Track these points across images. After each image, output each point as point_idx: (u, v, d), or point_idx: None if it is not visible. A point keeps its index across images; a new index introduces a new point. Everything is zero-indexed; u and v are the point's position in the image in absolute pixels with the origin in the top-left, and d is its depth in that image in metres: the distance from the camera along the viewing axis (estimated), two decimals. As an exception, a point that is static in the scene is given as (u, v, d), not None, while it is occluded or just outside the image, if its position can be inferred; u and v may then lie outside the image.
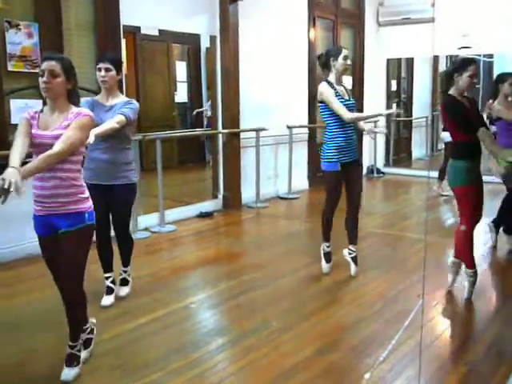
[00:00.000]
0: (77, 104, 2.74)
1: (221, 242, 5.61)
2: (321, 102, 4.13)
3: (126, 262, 3.96)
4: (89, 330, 2.99)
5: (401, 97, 10.90)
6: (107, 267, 3.86)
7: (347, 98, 4.16)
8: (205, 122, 9.94)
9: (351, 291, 4.03)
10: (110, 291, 3.83)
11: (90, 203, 2.75)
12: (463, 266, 3.88)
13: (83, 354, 2.89)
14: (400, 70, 10.84)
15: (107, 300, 3.76)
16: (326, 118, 4.15)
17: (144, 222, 5.76)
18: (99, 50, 5.22)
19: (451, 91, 3.69)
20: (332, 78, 4.14)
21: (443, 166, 7.22)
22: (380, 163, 10.06)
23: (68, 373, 2.75)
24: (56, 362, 2.84)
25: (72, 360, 2.79)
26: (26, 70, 4.69)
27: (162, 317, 3.56)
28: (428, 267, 4.36)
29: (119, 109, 3.50)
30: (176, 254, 5.14)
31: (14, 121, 4.52)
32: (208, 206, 6.67)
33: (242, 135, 6.90)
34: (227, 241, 5.73)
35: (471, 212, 3.69)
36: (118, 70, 3.62)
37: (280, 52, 7.42)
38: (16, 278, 4.29)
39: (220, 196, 6.89)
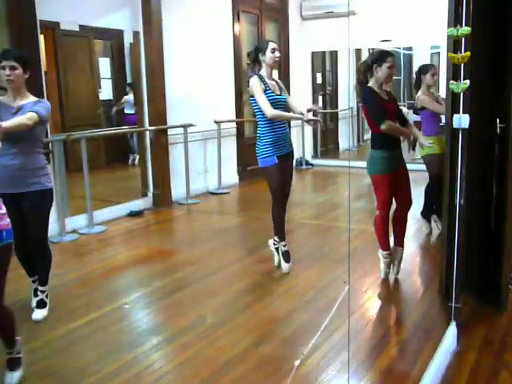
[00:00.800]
0: None
1: (152, 241, 5.55)
2: (251, 97, 4.15)
3: (43, 281, 3.62)
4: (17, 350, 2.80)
5: (326, 89, 11.11)
6: (33, 271, 3.68)
7: (278, 93, 4.17)
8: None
9: (283, 283, 4.10)
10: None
11: (7, 220, 2.52)
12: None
13: (16, 377, 2.74)
14: (325, 63, 11.05)
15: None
16: (257, 113, 4.17)
17: (72, 224, 5.60)
18: (15, 46, 4.99)
19: (370, 83, 3.82)
20: (263, 72, 4.16)
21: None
22: (308, 155, 10.24)
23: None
24: None
25: (15, 363, 2.74)
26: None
27: (94, 320, 3.49)
28: (359, 256, 4.54)
29: (30, 108, 3.26)
30: (107, 255, 5.04)
31: None
32: (138, 204, 6.57)
33: (170, 131, 6.84)
34: (158, 239, 5.69)
35: (385, 198, 3.89)
36: (25, 67, 3.33)
37: (205, 46, 7.40)
38: None
39: (150, 194, 6.81)
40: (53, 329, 3.36)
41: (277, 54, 4.15)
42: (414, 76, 5.27)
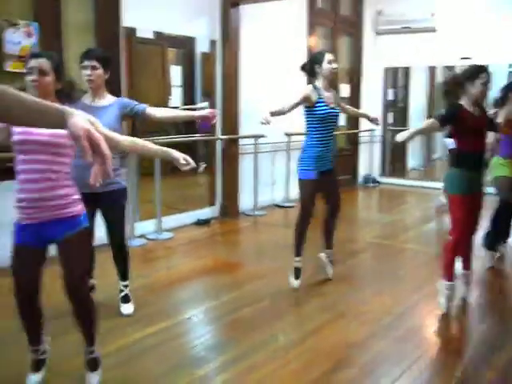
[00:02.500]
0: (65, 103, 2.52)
1: (218, 251, 5.48)
2: (305, 107, 4.04)
3: (125, 276, 3.74)
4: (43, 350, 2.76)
5: (397, 106, 10.84)
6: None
7: (333, 106, 4.05)
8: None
9: (355, 306, 3.91)
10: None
11: (82, 205, 2.59)
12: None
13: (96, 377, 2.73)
14: (397, 80, 10.79)
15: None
16: (307, 124, 4.08)
17: (140, 228, 5.61)
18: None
19: (462, 100, 3.61)
20: (320, 84, 4.04)
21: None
22: (376, 173, 9.99)
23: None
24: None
25: (94, 365, 2.72)
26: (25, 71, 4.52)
27: (163, 330, 3.42)
28: (433, 282, 4.29)
29: (133, 107, 3.40)
30: (173, 263, 5.01)
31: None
32: (205, 213, 6.54)
33: (241, 141, 6.79)
34: (225, 250, 5.61)
35: (459, 222, 3.61)
36: (106, 67, 3.37)
37: (279, 58, 7.32)
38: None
39: (217, 203, 6.76)
40: (123, 336, 3.31)
41: (334, 65, 4.03)
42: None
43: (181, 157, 2.57)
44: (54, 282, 2.71)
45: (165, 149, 2.63)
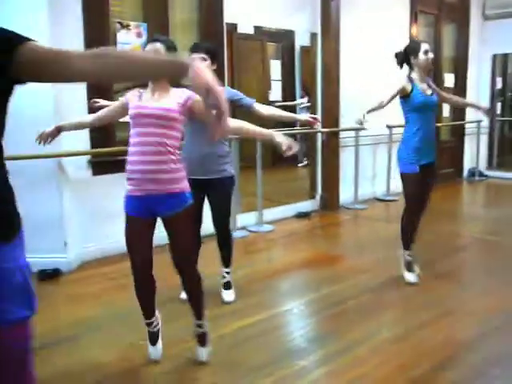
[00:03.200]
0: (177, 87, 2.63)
1: (319, 244, 5.47)
2: (401, 98, 3.91)
3: (228, 263, 3.84)
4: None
5: (506, 95, 10.25)
6: None
7: (429, 94, 3.90)
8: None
9: (462, 303, 3.75)
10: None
11: (187, 183, 2.66)
12: None
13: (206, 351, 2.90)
14: (506, 67, 10.20)
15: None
16: (405, 115, 3.96)
17: (242, 220, 5.72)
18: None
19: None
20: (415, 75, 3.90)
21: None
22: (482, 165, 9.51)
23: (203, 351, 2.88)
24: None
25: (203, 339, 2.89)
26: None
27: (264, 320, 3.47)
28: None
29: (242, 99, 3.50)
30: (274, 255, 5.07)
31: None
32: (305, 206, 6.55)
33: (341, 134, 6.72)
34: (325, 243, 5.59)
35: None
36: (214, 59, 3.43)
37: (380, 49, 7.13)
38: (120, 272, 4.36)
39: (317, 196, 6.75)
40: (226, 324, 3.39)
41: (430, 55, 3.86)
42: None
43: (284, 141, 2.59)
44: (167, 268, 2.85)
45: (268, 132, 2.67)
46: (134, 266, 2.71)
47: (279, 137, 2.65)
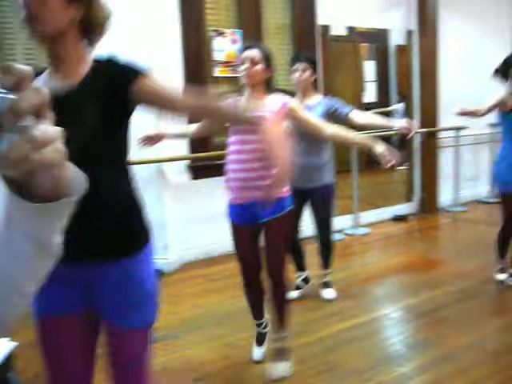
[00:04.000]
0: (273, 92, 2.69)
1: (416, 248, 5.32)
2: (500, 112, 3.74)
3: (327, 264, 3.92)
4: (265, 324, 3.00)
5: None
6: (299, 267, 3.93)
7: None
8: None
9: None
10: (296, 288, 3.90)
11: (287, 187, 2.66)
12: None
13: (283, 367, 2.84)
14: None
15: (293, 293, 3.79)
16: (503, 130, 3.77)
17: (338, 223, 5.68)
18: (295, 51, 5.27)
19: None
20: None
21: None
22: None
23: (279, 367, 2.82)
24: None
25: (283, 354, 2.84)
26: (230, 75, 4.88)
27: (364, 323, 3.44)
28: None
29: (337, 110, 3.48)
30: (371, 259, 5.00)
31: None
32: (402, 209, 6.40)
33: (440, 135, 6.50)
34: (423, 247, 5.43)
35: None
36: (314, 69, 3.56)
37: (481, 46, 6.85)
38: (220, 273, 4.48)
39: (415, 199, 6.58)
40: (325, 326, 3.39)
41: None
42: None
43: (384, 153, 2.56)
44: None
45: (368, 140, 2.64)
46: (243, 271, 2.80)
47: (379, 147, 2.62)
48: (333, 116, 3.53)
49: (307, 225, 3.87)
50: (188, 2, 4.61)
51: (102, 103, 1.43)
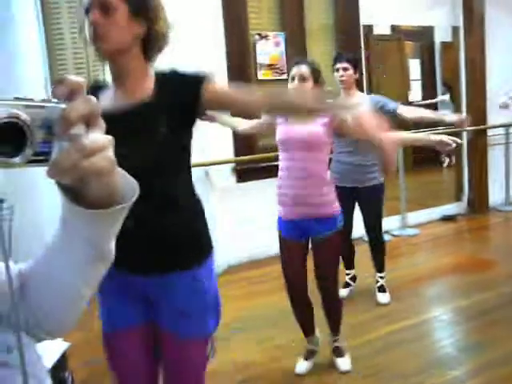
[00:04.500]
0: None
1: (466, 248, 5.20)
2: None
3: (381, 268, 3.90)
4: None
5: None
6: (347, 265, 3.96)
7: None
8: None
9: None
10: (345, 286, 3.93)
11: (338, 204, 2.67)
12: None
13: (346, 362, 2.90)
14: None
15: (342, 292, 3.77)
16: None
17: (385, 224, 5.59)
18: (340, 49, 5.23)
19: None
20: None
21: None
22: None
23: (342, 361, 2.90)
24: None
25: (340, 351, 2.92)
26: (274, 78, 4.89)
27: (413, 326, 3.39)
28: None
29: (385, 106, 3.48)
30: (419, 260, 4.91)
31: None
32: (451, 209, 6.26)
33: (489, 132, 6.34)
34: (473, 247, 5.30)
35: None
36: (356, 68, 3.56)
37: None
38: (265, 276, 4.49)
39: (464, 198, 6.43)
40: (373, 329, 3.36)
41: None
42: None
43: (442, 139, 2.55)
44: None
45: (424, 136, 2.64)
46: (289, 286, 2.80)
47: (434, 137, 2.63)
48: (380, 112, 3.50)
49: (357, 224, 3.83)
50: (231, 5, 4.65)
51: (171, 115, 1.47)
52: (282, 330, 3.38)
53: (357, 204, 3.73)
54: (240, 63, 4.72)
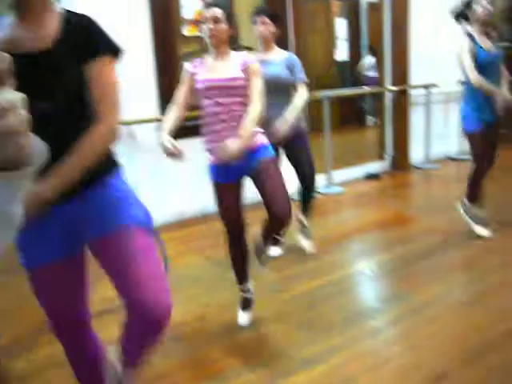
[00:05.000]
0: (235, 50, 2.68)
1: (389, 205, 5.38)
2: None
3: (307, 209, 3.95)
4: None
5: None
6: None
7: (491, 51, 3.76)
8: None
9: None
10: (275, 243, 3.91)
11: (265, 138, 2.67)
12: None
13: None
14: None
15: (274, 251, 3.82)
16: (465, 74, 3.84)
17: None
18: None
19: None
20: (472, 29, 3.76)
21: None
22: None
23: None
24: (232, 316, 2.98)
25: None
26: (199, 34, 4.76)
27: (337, 280, 3.49)
28: None
29: (297, 72, 3.48)
30: (344, 217, 5.05)
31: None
32: (374, 167, 6.45)
33: (411, 92, 6.51)
34: (396, 203, 5.48)
35: None
36: (275, 23, 3.53)
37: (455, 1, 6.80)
38: (193, 235, 4.48)
39: (387, 157, 6.62)
40: (301, 284, 3.44)
41: (489, 7, 3.67)
42: None
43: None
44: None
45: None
46: (228, 231, 2.79)
47: None
48: (288, 72, 3.54)
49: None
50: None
51: (72, 59, 1.47)
52: (212, 288, 3.40)
53: (287, 160, 3.72)
54: (164, 16, 4.55)
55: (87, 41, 1.48)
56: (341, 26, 10.38)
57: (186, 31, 4.71)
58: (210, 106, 2.59)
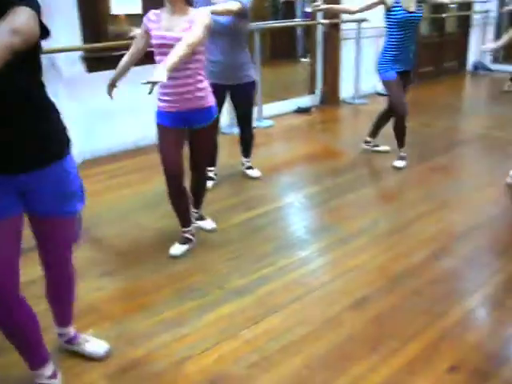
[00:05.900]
0: (192, 6, 2.76)
1: (319, 139, 5.46)
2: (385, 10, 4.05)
3: (248, 153, 4.22)
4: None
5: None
6: (211, 163, 4.00)
7: (411, 10, 3.96)
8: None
9: (460, 195, 3.84)
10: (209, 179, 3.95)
11: (213, 98, 2.89)
12: None
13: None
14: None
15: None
16: (386, 27, 4.11)
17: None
18: None
19: None
20: None
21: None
22: (488, 59, 9.25)
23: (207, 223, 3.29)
24: (162, 249, 3.02)
25: (202, 217, 3.30)
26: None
27: (267, 213, 3.56)
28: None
29: None
30: (275, 150, 5.09)
31: (114, 11, 4.48)
32: (305, 101, 6.47)
33: (342, 27, 6.50)
34: (326, 137, 5.58)
35: None
36: None
37: None
38: (122, 169, 4.40)
39: (317, 91, 6.65)
40: (231, 217, 3.48)
41: None
42: None
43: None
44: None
45: None
46: (168, 176, 2.89)
47: None
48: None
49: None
50: None
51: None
52: (141, 225, 3.40)
53: (230, 100, 3.86)
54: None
55: None
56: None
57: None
58: (163, 62, 2.52)
